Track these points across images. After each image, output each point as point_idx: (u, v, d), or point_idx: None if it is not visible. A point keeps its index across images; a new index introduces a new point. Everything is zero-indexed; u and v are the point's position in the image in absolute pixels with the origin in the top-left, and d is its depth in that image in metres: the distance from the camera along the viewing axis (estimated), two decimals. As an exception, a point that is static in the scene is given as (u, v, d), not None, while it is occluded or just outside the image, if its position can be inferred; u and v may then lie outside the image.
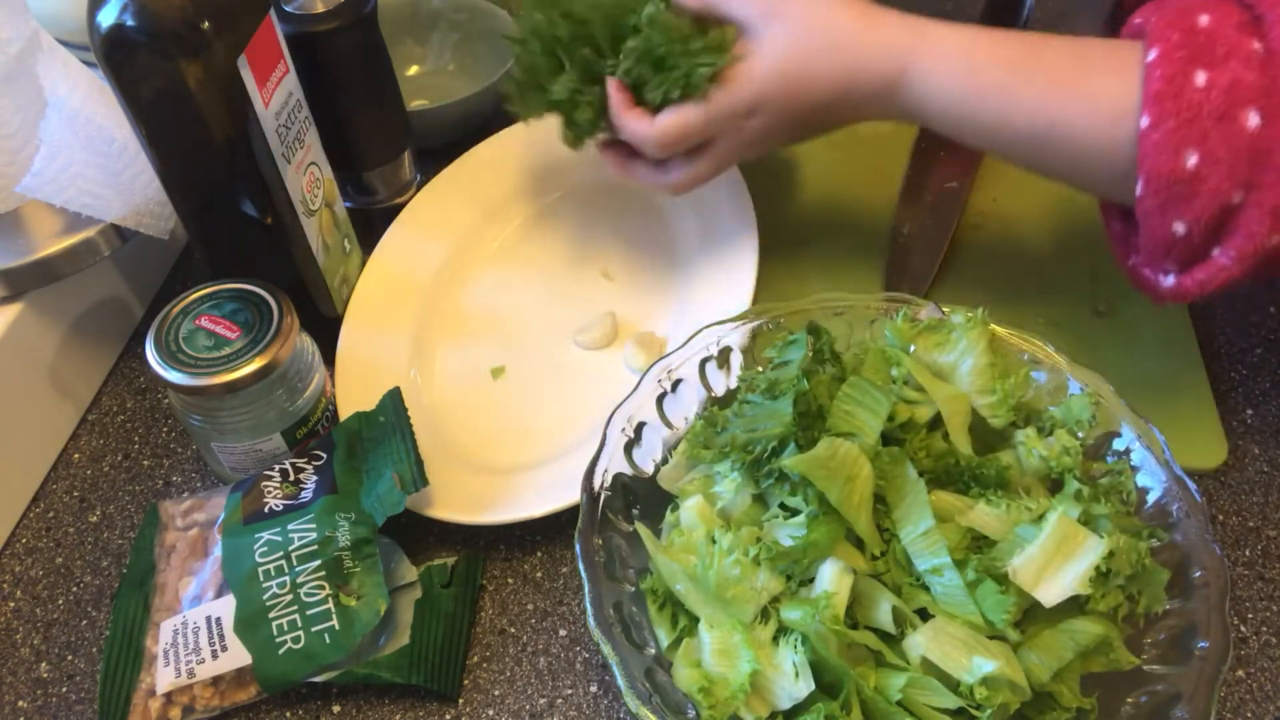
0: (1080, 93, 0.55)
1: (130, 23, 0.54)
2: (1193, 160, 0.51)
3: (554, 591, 0.62)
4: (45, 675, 0.60)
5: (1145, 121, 0.52)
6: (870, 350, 0.58)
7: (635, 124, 0.63)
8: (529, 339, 0.73)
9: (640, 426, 0.58)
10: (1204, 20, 0.52)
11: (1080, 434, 0.56)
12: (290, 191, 0.64)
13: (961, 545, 0.51)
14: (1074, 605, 0.50)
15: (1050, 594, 0.48)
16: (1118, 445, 0.56)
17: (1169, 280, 0.56)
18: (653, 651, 0.52)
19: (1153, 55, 0.52)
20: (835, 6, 0.59)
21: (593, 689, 0.58)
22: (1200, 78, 0.50)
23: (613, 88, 0.63)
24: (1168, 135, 0.51)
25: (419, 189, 0.80)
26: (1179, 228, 0.53)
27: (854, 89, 0.59)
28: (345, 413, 0.67)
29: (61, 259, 0.65)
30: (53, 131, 0.62)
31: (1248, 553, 0.62)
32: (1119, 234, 0.61)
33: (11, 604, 0.63)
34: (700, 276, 0.71)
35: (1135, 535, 0.51)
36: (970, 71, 0.57)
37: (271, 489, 0.60)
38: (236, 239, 0.66)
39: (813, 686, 0.48)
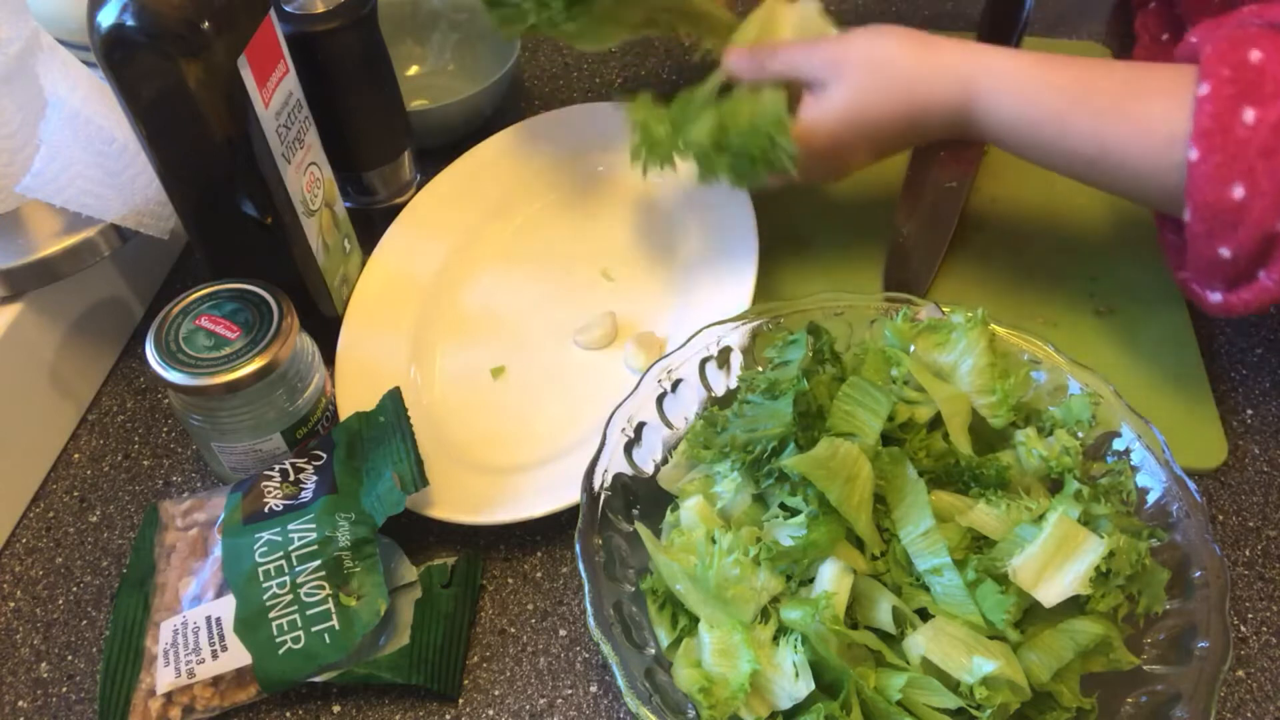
0: (1133, 120, 0.57)
1: (130, 23, 0.54)
2: (1239, 193, 0.53)
3: (554, 591, 0.62)
4: (45, 675, 0.60)
5: (1194, 155, 0.54)
6: (870, 350, 0.58)
7: None
8: (529, 339, 0.73)
9: (640, 426, 0.58)
10: (1255, 56, 0.53)
11: (1080, 434, 0.56)
12: (290, 191, 0.64)
13: (961, 545, 0.51)
14: (1074, 605, 0.50)
15: (1050, 594, 0.48)
16: (1118, 445, 0.56)
17: (1216, 297, 0.59)
18: (653, 651, 0.52)
19: (1204, 90, 0.54)
20: (894, 49, 0.62)
21: (593, 689, 0.58)
22: (1248, 115, 0.53)
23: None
24: (1215, 169, 0.53)
25: (419, 189, 0.80)
26: (1225, 252, 0.55)
27: (922, 119, 0.62)
28: (345, 413, 0.67)
29: (61, 259, 0.65)
30: (53, 131, 0.62)
31: (1248, 553, 0.62)
32: (1172, 244, 0.63)
33: (11, 604, 0.63)
34: (700, 276, 0.71)
35: (1135, 535, 0.51)
36: (1027, 100, 0.60)
37: (271, 489, 0.60)
38: (236, 239, 0.66)
39: (813, 686, 0.48)
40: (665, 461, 0.59)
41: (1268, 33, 0.54)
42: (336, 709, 0.58)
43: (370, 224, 0.78)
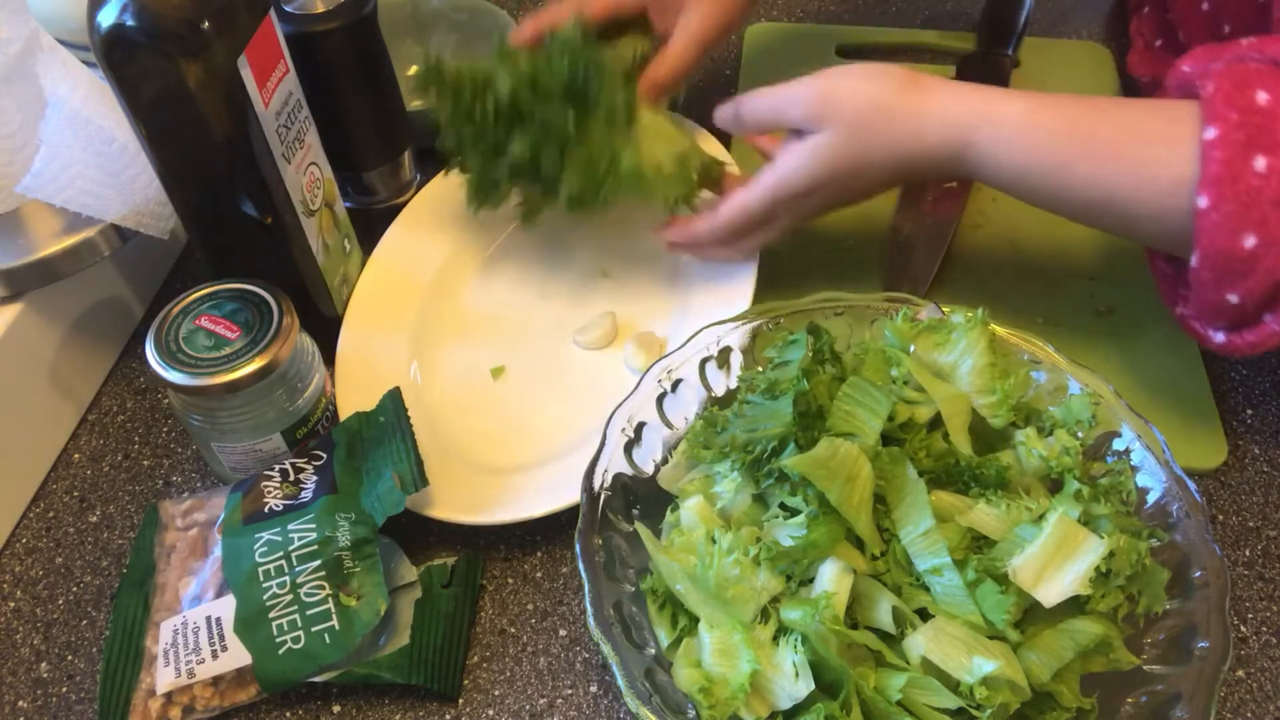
0: (1136, 165, 0.56)
1: (130, 23, 0.54)
2: (1250, 242, 0.52)
3: (554, 591, 0.62)
4: (45, 675, 0.60)
5: (1204, 202, 0.53)
6: (870, 350, 0.58)
7: (698, 225, 0.67)
8: (529, 339, 0.73)
9: (640, 426, 0.58)
10: (1263, 98, 0.52)
11: (1080, 434, 0.56)
12: (290, 191, 0.64)
13: (961, 545, 0.51)
14: (1074, 605, 0.50)
15: (1050, 594, 0.48)
16: (1118, 445, 0.56)
17: (1219, 337, 0.58)
18: (653, 651, 0.52)
19: (1211, 134, 0.52)
20: (887, 92, 0.60)
21: (593, 689, 0.58)
22: (1259, 163, 0.51)
23: (668, 231, 0.69)
24: (1226, 218, 0.52)
25: (419, 189, 0.81)
26: (1232, 298, 0.54)
27: (913, 165, 0.61)
28: (345, 413, 0.67)
29: (61, 259, 0.65)
30: (53, 131, 0.62)
31: (1248, 553, 0.62)
32: (1165, 273, 0.62)
33: (11, 604, 0.63)
34: (700, 276, 0.71)
35: (1135, 535, 0.51)
36: (1028, 148, 0.58)
37: (271, 489, 0.60)
38: (236, 239, 0.66)
39: (813, 686, 0.48)
40: (665, 461, 0.59)
41: (1272, 71, 0.53)
42: (336, 709, 0.58)
43: (370, 224, 0.78)
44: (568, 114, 0.66)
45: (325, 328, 0.71)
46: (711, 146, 0.76)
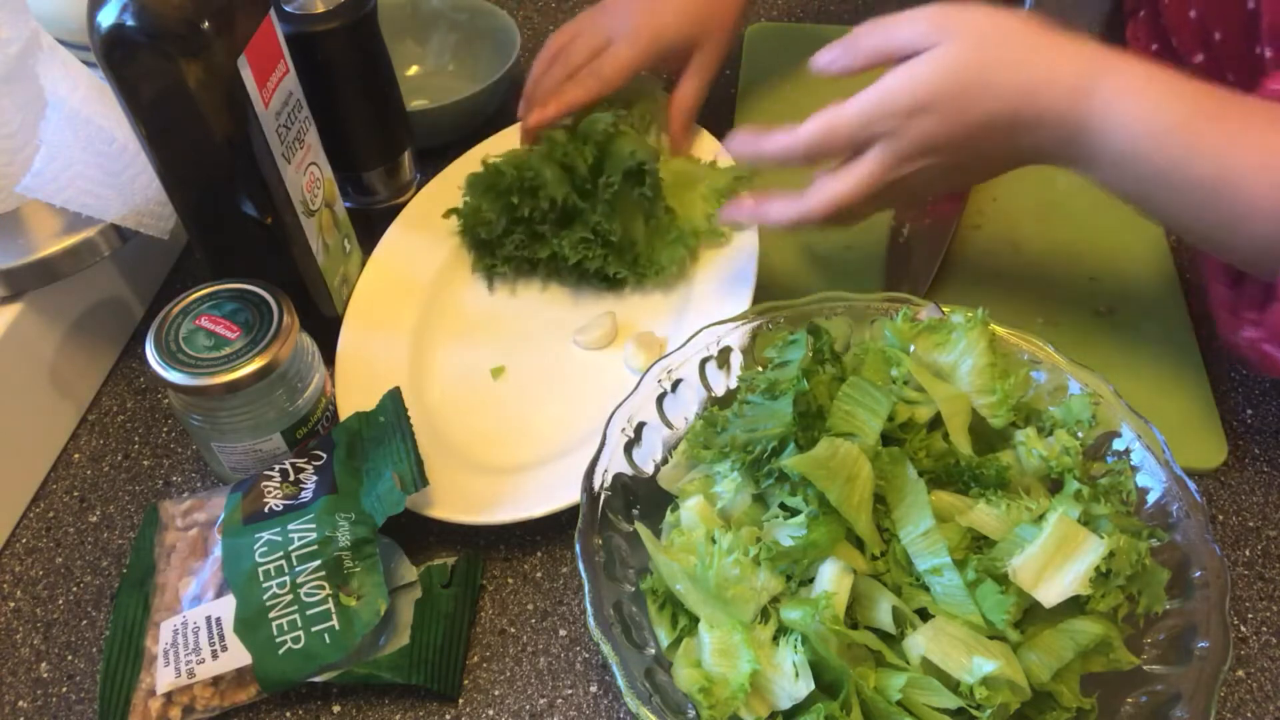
0: (1263, 147, 0.53)
1: (130, 23, 0.54)
2: None
3: (554, 591, 0.62)
4: (45, 675, 0.60)
5: None
6: (870, 350, 0.58)
7: (774, 139, 0.60)
8: (529, 339, 0.73)
9: (640, 426, 0.58)
10: None
11: (1080, 434, 0.56)
12: (290, 191, 0.64)
13: (961, 545, 0.51)
14: (1074, 605, 0.50)
15: (1050, 594, 0.48)
16: (1118, 445, 0.56)
17: None
18: (653, 651, 0.52)
19: None
20: (1013, 19, 0.56)
21: (593, 689, 0.58)
22: None
23: (733, 143, 0.64)
24: None
25: (419, 189, 0.81)
26: None
27: (1034, 102, 0.55)
28: (345, 413, 0.67)
29: (61, 259, 0.65)
30: (53, 131, 0.62)
31: (1248, 553, 0.62)
32: (1225, 300, 0.59)
33: (11, 604, 0.63)
34: (700, 277, 0.71)
35: (1135, 535, 0.51)
36: (1157, 100, 0.54)
37: (271, 489, 0.60)
38: (236, 239, 0.66)
39: (813, 686, 0.48)
40: (665, 461, 0.59)
41: None
42: (336, 709, 0.58)
43: (370, 224, 0.78)
44: (614, 221, 0.70)
45: (325, 328, 0.71)
46: (713, 147, 0.76)
